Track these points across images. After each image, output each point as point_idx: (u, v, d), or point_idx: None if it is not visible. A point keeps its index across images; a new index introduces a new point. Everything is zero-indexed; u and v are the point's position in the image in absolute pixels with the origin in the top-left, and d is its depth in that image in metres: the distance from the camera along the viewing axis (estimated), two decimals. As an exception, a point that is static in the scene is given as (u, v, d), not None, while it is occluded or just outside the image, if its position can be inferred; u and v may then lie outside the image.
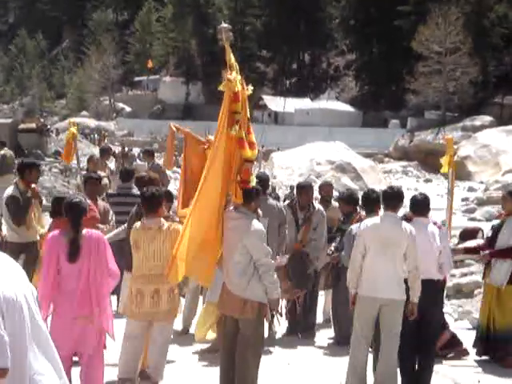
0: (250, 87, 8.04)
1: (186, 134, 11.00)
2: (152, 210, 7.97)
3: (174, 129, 11.33)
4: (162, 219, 8.01)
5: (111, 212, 10.36)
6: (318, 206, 11.39)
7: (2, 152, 21.52)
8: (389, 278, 7.94)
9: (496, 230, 9.93)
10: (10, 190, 10.12)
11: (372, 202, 9.11)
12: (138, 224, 8.12)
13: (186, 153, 10.85)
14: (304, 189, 11.29)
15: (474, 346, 10.08)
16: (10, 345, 3.50)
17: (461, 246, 12.17)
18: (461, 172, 53.35)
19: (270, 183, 8.60)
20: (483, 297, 10.24)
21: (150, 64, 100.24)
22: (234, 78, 7.67)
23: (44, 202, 19.57)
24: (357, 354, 8.19)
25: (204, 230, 7.73)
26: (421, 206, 8.72)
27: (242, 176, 7.78)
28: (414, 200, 8.82)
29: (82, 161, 13.68)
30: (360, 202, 10.43)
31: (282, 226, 10.58)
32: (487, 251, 9.88)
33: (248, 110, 8.00)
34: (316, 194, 12.46)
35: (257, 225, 7.73)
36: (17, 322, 3.60)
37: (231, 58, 7.83)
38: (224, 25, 7.92)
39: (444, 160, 10.16)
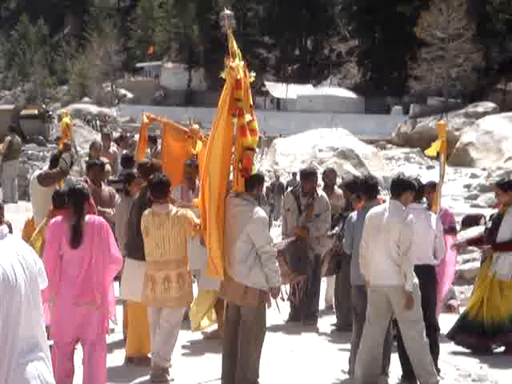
0: (253, 74, 8.03)
1: (165, 123, 11.53)
2: (160, 197, 8.03)
3: (146, 119, 11.62)
4: (170, 205, 8.05)
5: (117, 196, 10.36)
6: (321, 192, 11.39)
7: (9, 138, 21.56)
8: (384, 264, 7.94)
9: (496, 222, 9.91)
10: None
11: (370, 188, 9.07)
12: (146, 211, 8.20)
13: (166, 138, 11.45)
14: (308, 176, 11.29)
15: (452, 333, 10.03)
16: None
17: (462, 236, 12.18)
18: (463, 159, 53.35)
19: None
20: (478, 287, 10.13)
21: (151, 50, 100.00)
22: (236, 65, 7.66)
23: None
24: (366, 341, 8.17)
25: (208, 220, 7.74)
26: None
27: (243, 164, 7.78)
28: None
29: (84, 147, 13.65)
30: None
31: None
32: (490, 245, 9.87)
33: (251, 96, 7.99)
34: (320, 180, 12.45)
35: (260, 212, 7.73)
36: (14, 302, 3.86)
37: (234, 45, 7.83)
38: (227, 11, 7.91)
39: (434, 144, 10.08)
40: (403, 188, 8.12)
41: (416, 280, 7.87)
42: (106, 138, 16.15)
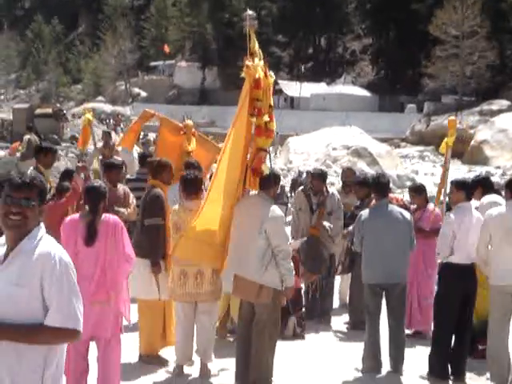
0: (272, 74, 8.08)
1: (162, 119, 11.78)
2: (193, 192, 8.20)
3: (152, 112, 11.96)
4: (202, 201, 8.13)
5: (131, 195, 10.38)
6: (332, 190, 11.40)
7: (28, 136, 21.64)
8: None
9: None
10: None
11: (382, 186, 9.06)
12: (176, 206, 8.36)
13: (162, 133, 11.75)
14: (316, 176, 11.30)
15: None
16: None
17: None
18: (478, 157, 53.13)
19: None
20: None
21: (166, 49, 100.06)
22: (254, 64, 7.71)
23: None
24: (498, 345, 8.14)
25: (220, 215, 7.78)
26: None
27: (254, 164, 7.84)
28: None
29: (90, 147, 13.69)
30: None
31: None
32: None
33: (271, 97, 8.03)
34: (332, 179, 12.46)
35: (277, 211, 7.77)
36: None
37: (255, 45, 7.88)
38: (249, 12, 8.03)
39: (446, 140, 10.04)
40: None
41: None
42: (107, 136, 16.21)
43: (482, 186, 9.68)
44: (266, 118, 7.84)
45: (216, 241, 7.82)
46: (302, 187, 11.95)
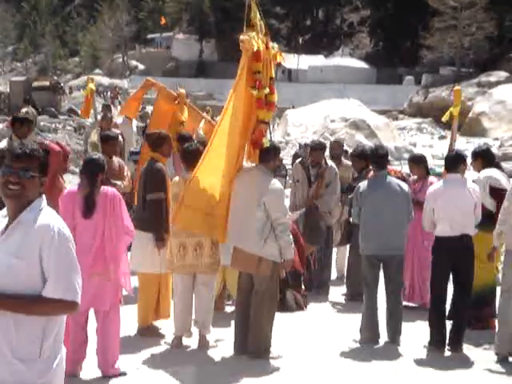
0: (275, 45, 8.08)
1: (160, 88, 11.83)
2: (194, 164, 8.10)
3: (153, 81, 12.22)
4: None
5: (126, 167, 10.39)
6: (330, 162, 11.40)
7: (25, 109, 21.58)
8: None
9: None
10: (3, 144, 10.32)
11: (380, 158, 9.05)
12: (177, 178, 8.36)
13: (158, 102, 11.81)
14: (315, 148, 11.30)
15: None
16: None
17: None
18: (476, 128, 53.07)
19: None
20: None
21: (163, 21, 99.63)
22: (249, 38, 7.68)
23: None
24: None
25: (220, 187, 7.81)
26: (452, 162, 8.69)
27: (254, 136, 7.85)
28: (446, 157, 8.84)
29: (89, 121, 13.71)
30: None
31: None
32: None
33: (273, 69, 8.02)
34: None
35: (277, 183, 7.80)
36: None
37: (256, 17, 7.86)
38: None
39: (450, 110, 10.02)
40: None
41: None
42: (107, 108, 16.18)
43: (482, 158, 9.65)
44: (266, 90, 7.84)
45: (216, 212, 7.84)
46: (299, 159, 11.95)
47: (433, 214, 8.58)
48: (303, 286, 10.63)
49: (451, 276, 8.67)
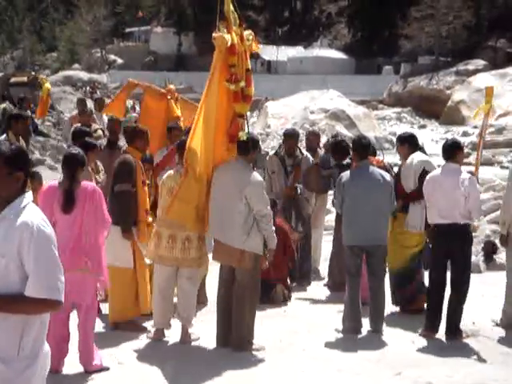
0: (251, 34, 8.06)
1: (146, 87, 11.74)
2: None
3: (136, 82, 11.99)
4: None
5: (98, 162, 10.35)
6: (306, 153, 11.41)
7: (3, 105, 21.45)
8: None
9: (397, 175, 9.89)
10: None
11: (363, 148, 9.06)
12: (172, 171, 8.34)
13: (145, 101, 11.68)
14: (288, 136, 11.33)
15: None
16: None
17: None
18: (455, 117, 53.38)
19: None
20: None
21: (139, 14, 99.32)
22: (221, 36, 7.63)
23: (37, 155, 19.51)
24: None
25: (200, 182, 7.82)
26: (448, 150, 8.73)
27: (231, 130, 7.84)
28: (442, 146, 8.87)
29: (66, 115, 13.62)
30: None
31: None
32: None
33: (248, 61, 7.99)
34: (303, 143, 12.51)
35: (257, 176, 7.81)
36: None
37: (230, 10, 7.81)
38: None
39: (481, 107, 10.18)
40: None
41: None
42: (82, 103, 16.12)
43: (409, 143, 9.83)
44: (242, 83, 7.82)
45: (200, 205, 7.86)
46: (273, 151, 11.96)
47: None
48: (288, 280, 10.64)
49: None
